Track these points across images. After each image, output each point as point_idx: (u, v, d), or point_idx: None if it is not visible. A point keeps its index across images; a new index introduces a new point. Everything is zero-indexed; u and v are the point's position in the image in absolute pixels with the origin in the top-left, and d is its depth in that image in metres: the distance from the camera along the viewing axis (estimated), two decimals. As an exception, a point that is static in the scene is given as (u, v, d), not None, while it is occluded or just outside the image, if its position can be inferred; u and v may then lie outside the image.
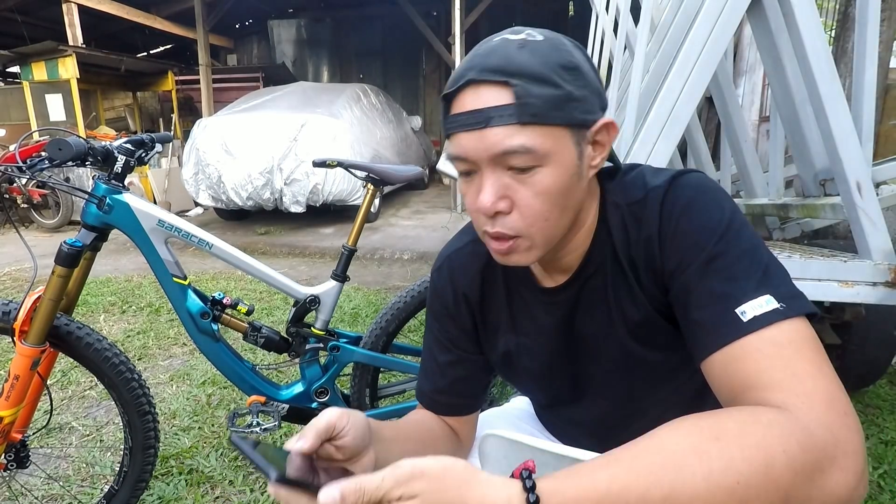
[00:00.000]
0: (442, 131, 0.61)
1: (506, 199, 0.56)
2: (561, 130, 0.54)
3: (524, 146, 0.53)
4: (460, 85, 0.55)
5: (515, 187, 0.56)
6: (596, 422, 0.76)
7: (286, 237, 5.13)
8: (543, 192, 0.55)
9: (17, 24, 6.98)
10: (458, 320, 0.76)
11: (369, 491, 0.41)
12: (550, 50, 0.54)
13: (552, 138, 0.54)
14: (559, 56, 0.54)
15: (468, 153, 0.56)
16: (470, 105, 0.54)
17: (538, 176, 0.55)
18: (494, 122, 0.53)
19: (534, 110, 0.52)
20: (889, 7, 2.28)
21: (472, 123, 0.54)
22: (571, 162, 0.56)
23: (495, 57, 0.54)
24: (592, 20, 3.11)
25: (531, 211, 0.56)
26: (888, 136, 3.39)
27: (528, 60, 0.53)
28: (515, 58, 0.53)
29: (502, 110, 0.52)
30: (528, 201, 0.56)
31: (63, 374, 2.25)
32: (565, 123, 0.54)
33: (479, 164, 0.56)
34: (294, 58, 10.54)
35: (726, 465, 0.41)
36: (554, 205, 0.56)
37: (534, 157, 0.54)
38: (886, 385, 2.05)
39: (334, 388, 1.50)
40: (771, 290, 0.52)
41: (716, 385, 0.53)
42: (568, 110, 0.54)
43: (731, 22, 1.30)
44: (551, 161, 0.54)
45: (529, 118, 0.52)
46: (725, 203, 0.58)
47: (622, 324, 0.65)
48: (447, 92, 0.57)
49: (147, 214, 1.26)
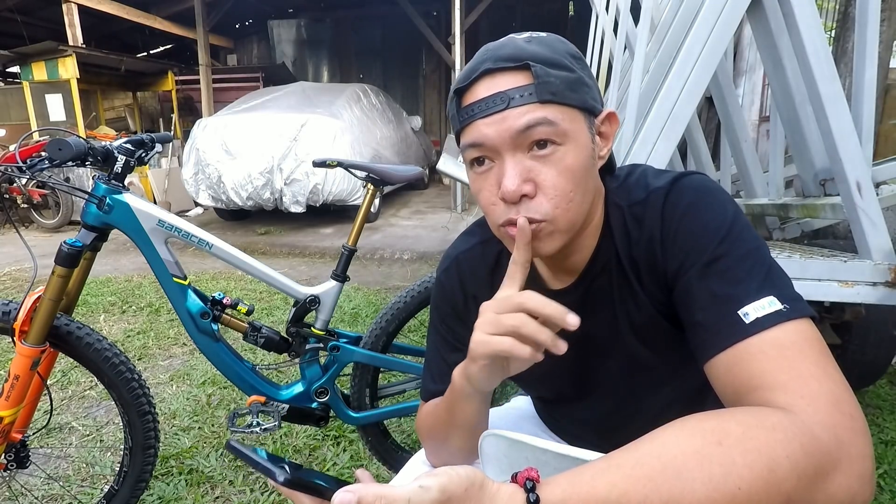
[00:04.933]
0: (452, 126, 0.61)
1: (530, 182, 0.55)
2: (576, 112, 0.56)
3: (547, 118, 0.54)
4: (476, 76, 0.56)
5: (538, 169, 0.55)
6: (599, 419, 0.76)
7: (286, 237, 5.13)
8: (566, 169, 0.55)
9: (17, 24, 6.98)
10: (467, 321, 0.76)
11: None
12: (556, 41, 0.58)
13: (570, 118, 0.55)
14: (565, 46, 0.58)
15: (488, 139, 0.55)
16: (487, 92, 0.55)
17: (559, 153, 0.55)
18: (515, 101, 0.54)
19: (553, 89, 0.54)
20: (889, 7, 2.28)
21: (493, 107, 0.54)
22: (588, 144, 0.57)
23: (507, 49, 0.56)
24: (592, 20, 3.11)
25: (556, 191, 0.55)
26: (888, 136, 3.39)
27: (539, 49, 0.55)
28: (527, 48, 0.55)
29: (523, 90, 0.54)
30: (553, 181, 0.55)
31: (63, 374, 2.25)
32: (580, 105, 0.56)
33: (499, 150, 0.56)
34: (294, 58, 10.54)
35: (728, 471, 0.41)
36: (577, 185, 0.56)
37: (555, 132, 0.54)
38: (886, 385, 2.05)
39: (334, 388, 1.50)
40: (774, 291, 0.52)
41: (719, 387, 0.53)
42: (581, 93, 0.56)
43: (731, 22, 1.30)
44: (570, 140, 0.55)
45: (549, 96, 0.54)
46: (728, 205, 0.58)
47: (626, 324, 0.65)
48: (461, 85, 0.57)
49: (147, 214, 1.26)
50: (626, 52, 2.31)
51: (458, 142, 0.61)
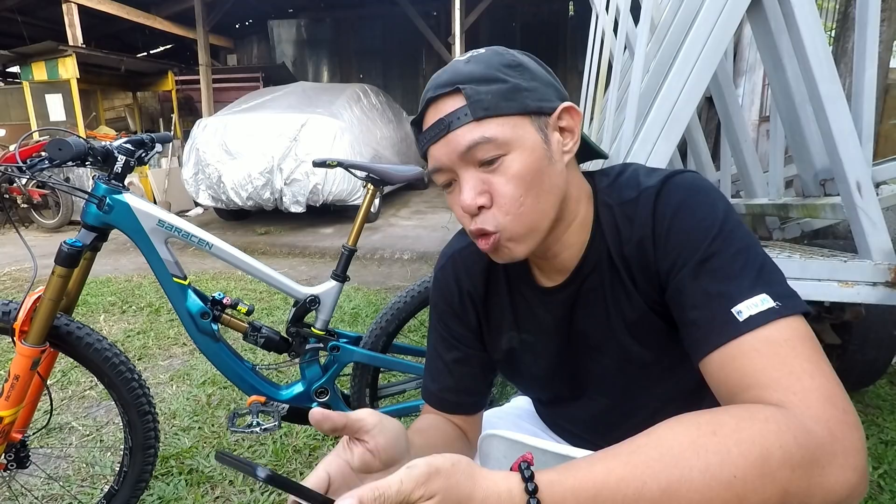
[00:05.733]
0: (420, 154, 0.64)
1: (485, 194, 0.59)
2: (518, 119, 0.58)
3: (484, 137, 0.56)
4: (423, 107, 0.60)
5: (490, 180, 0.58)
6: (595, 418, 0.77)
7: (286, 237, 5.13)
8: (514, 176, 0.58)
9: (17, 24, 6.98)
10: (464, 319, 0.76)
11: (390, 496, 0.40)
12: (492, 55, 0.60)
13: (510, 126, 0.57)
14: (501, 58, 0.60)
15: (441, 161, 0.59)
16: (432, 119, 0.59)
17: (506, 163, 0.58)
18: (454, 124, 0.57)
19: (485, 105, 0.56)
20: (889, 7, 2.27)
21: (437, 133, 0.59)
22: (537, 146, 0.58)
23: (445, 74, 0.60)
24: (592, 20, 3.11)
25: (506, 199, 0.58)
26: (888, 136, 3.39)
27: (473, 68, 0.58)
28: (462, 69, 0.59)
29: (458, 112, 0.57)
30: (502, 189, 0.58)
31: (63, 374, 2.25)
32: (520, 111, 0.58)
33: (454, 170, 0.59)
34: (294, 58, 10.55)
35: (722, 460, 0.42)
36: (527, 189, 0.58)
37: (496, 146, 0.57)
38: (886, 385, 2.05)
39: (334, 388, 1.50)
40: (766, 288, 0.52)
41: (714, 385, 0.53)
42: (519, 100, 0.58)
43: (731, 22, 1.30)
44: (515, 148, 0.57)
45: (483, 112, 0.56)
46: (719, 203, 0.58)
47: (620, 322, 0.65)
48: (415, 118, 0.62)
49: (147, 214, 1.26)
50: (626, 52, 2.31)
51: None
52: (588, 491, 0.42)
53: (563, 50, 9.61)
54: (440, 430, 0.75)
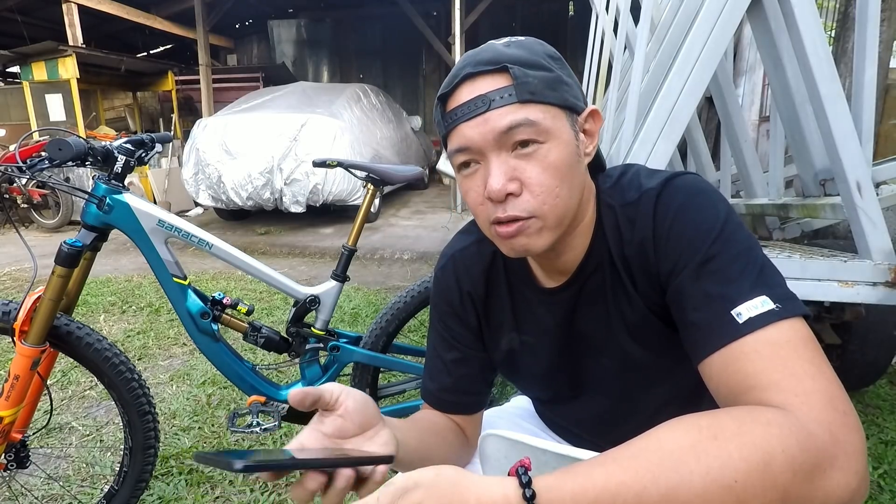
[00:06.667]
0: (438, 132, 0.62)
1: (515, 181, 0.57)
2: (557, 110, 0.57)
3: (528, 119, 0.55)
4: (458, 81, 0.57)
5: (522, 167, 0.56)
6: (595, 419, 0.77)
7: (286, 237, 5.13)
8: (550, 166, 0.56)
9: (17, 24, 6.97)
10: (464, 319, 0.76)
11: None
12: (534, 43, 0.59)
13: (550, 116, 0.56)
14: (544, 48, 0.59)
15: (472, 141, 0.57)
16: (469, 95, 0.57)
17: (542, 151, 0.56)
18: (496, 103, 0.55)
19: (532, 88, 0.55)
20: (889, 7, 2.27)
21: (475, 110, 0.56)
22: (571, 140, 0.58)
23: (487, 53, 0.57)
24: (592, 20, 3.11)
25: (542, 188, 0.56)
26: (888, 136, 3.39)
27: (517, 52, 0.57)
28: (505, 51, 0.57)
29: (503, 91, 0.55)
30: (538, 177, 0.56)
31: (63, 374, 2.25)
32: (560, 104, 0.57)
33: (483, 151, 0.57)
34: (294, 58, 10.54)
35: (724, 464, 0.41)
36: (562, 180, 0.57)
37: (537, 131, 0.55)
38: (886, 385, 2.05)
39: (334, 388, 1.50)
40: (767, 290, 0.52)
41: (714, 386, 0.53)
42: (561, 91, 0.57)
43: (731, 22, 1.30)
44: (552, 137, 0.56)
45: (529, 96, 0.55)
46: (720, 205, 0.58)
47: (620, 323, 0.65)
48: (444, 91, 0.59)
49: (147, 214, 1.26)
50: (626, 52, 2.31)
51: (444, 146, 0.61)
52: (587, 496, 0.41)
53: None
54: (434, 422, 0.75)
